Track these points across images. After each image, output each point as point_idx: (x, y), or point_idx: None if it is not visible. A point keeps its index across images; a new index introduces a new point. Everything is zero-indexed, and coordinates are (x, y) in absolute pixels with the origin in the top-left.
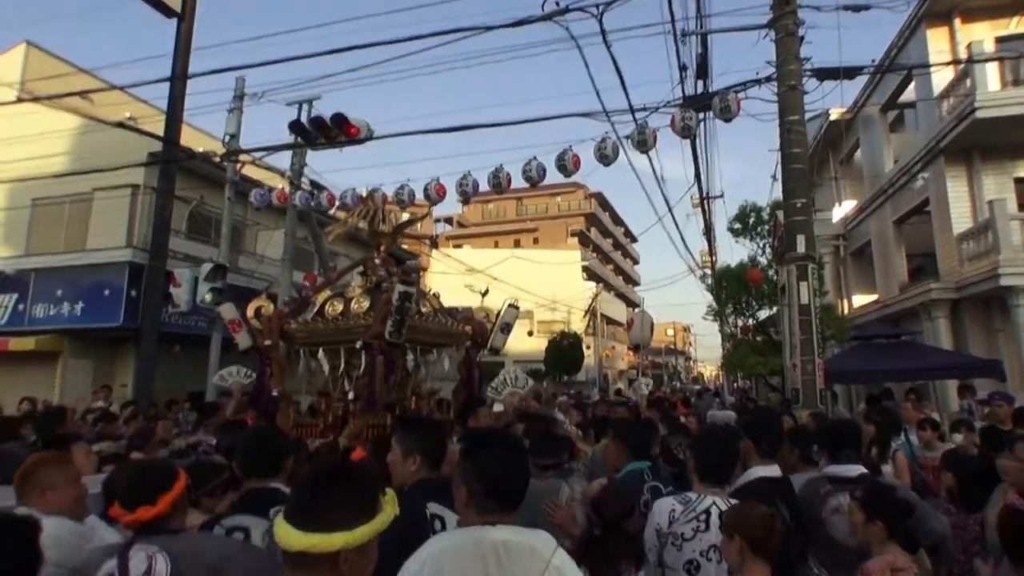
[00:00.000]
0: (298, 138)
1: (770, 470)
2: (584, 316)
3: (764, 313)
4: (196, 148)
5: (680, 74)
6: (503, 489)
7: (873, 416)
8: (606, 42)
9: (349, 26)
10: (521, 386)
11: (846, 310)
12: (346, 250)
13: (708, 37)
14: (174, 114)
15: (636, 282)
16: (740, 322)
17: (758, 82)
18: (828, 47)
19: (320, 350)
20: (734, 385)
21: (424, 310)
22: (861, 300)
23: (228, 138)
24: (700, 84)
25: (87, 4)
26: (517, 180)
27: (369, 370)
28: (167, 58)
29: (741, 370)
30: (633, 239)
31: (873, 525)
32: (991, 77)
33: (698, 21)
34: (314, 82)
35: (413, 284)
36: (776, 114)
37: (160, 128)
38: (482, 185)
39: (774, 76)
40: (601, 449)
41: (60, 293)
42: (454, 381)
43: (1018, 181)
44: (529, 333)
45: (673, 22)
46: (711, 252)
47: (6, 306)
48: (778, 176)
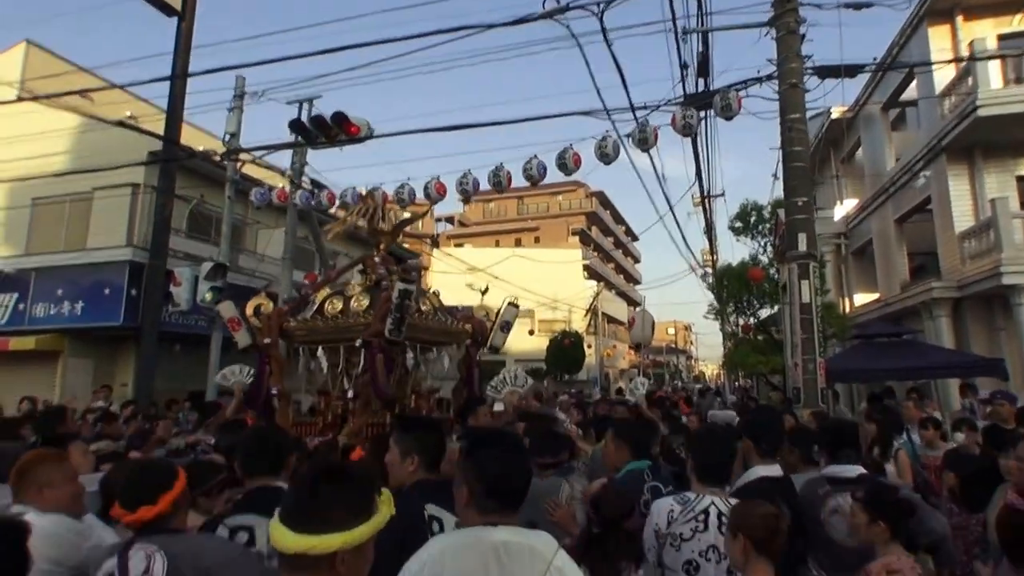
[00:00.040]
0: (298, 137)
1: (771, 470)
2: (585, 315)
3: (765, 312)
4: (196, 147)
5: (681, 72)
6: (504, 489)
7: (875, 415)
8: (607, 40)
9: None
10: (520, 385)
11: (847, 309)
12: (346, 249)
13: (709, 35)
14: (174, 113)
15: (637, 281)
16: (741, 321)
17: (759, 80)
18: (829, 45)
19: (319, 348)
20: (735, 384)
21: (424, 308)
22: (862, 299)
23: (228, 137)
24: (701, 82)
25: (87, 3)
26: (518, 179)
27: (371, 367)
28: (167, 57)
29: (742, 369)
30: (634, 238)
31: (876, 526)
32: (993, 75)
33: (699, 19)
34: (314, 81)
35: (413, 282)
36: (777, 112)
37: (160, 127)
38: (482, 184)
39: (775, 74)
40: (602, 448)
41: (60, 292)
42: (454, 380)
43: (1020, 179)
44: (530, 332)
45: (674, 20)
46: (712, 251)
47: (6, 306)
48: (779, 174)
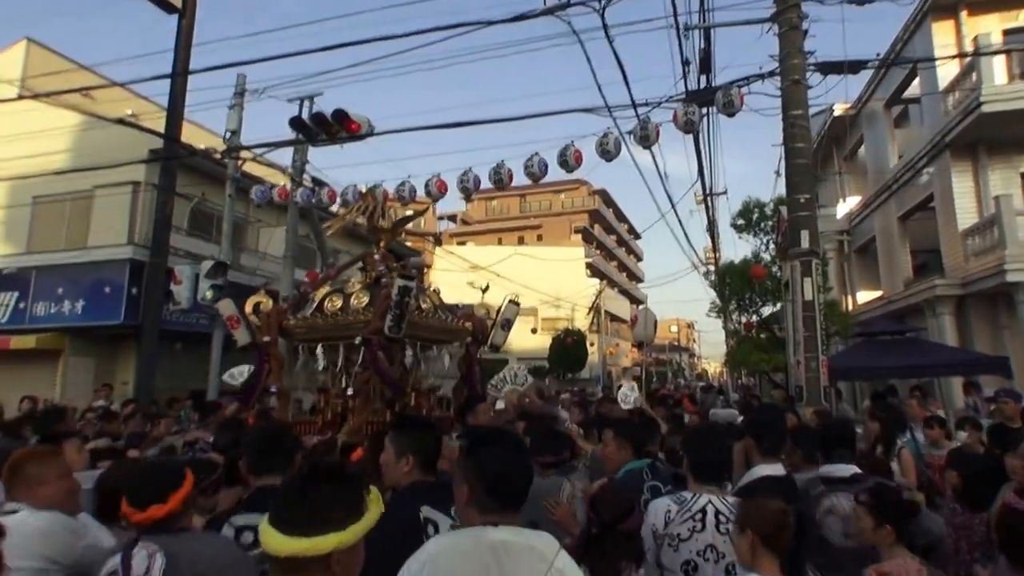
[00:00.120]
0: (299, 134)
1: (774, 469)
2: (588, 313)
3: (768, 310)
4: (197, 145)
5: (683, 69)
6: (505, 488)
7: (878, 413)
8: (608, 36)
9: (350, 21)
10: (521, 383)
11: (850, 306)
12: (347, 247)
13: (711, 31)
14: (175, 111)
15: (640, 279)
16: (744, 319)
17: (761, 77)
18: (832, 41)
19: (319, 346)
20: (738, 382)
21: (424, 306)
22: (865, 296)
23: (229, 135)
24: (703, 79)
25: (88, 1)
26: (519, 176)
27: (373, 361)
28: (168, 55)
29: (745, 367)
30: (637, 236)
31: (883, 529)
32: (998, 71)
33: (701, 15)
34: (315, 78)
35: (413, 278)
36: (780, 109)
37: (161, 125)
38: (484, 181)
39: (777, 71)
40: (601, 448)
41: (61, 291)
42: (455, 378)
43: None
44: (533, 330)
45: (676, 16)
46: (714, 248)
47: (7, 304)
48: (782, 172)
